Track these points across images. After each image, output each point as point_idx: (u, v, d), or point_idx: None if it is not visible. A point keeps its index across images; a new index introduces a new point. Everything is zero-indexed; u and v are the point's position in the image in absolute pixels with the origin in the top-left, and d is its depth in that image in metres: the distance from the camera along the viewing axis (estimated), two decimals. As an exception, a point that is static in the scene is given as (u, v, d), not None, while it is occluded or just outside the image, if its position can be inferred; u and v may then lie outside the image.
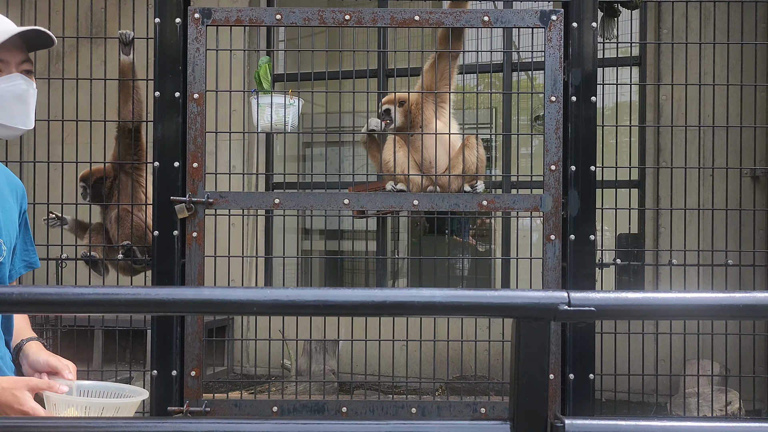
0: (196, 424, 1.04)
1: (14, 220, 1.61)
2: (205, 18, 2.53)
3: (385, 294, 0.91)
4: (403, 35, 4.85)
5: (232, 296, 0.92)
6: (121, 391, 1.50)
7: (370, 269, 5.53)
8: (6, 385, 1.36)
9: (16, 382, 1.37)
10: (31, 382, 1.39)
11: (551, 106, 2.56)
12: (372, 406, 2.65)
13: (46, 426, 1.01)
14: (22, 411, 1.34)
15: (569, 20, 2.55)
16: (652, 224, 4.90)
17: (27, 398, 1.35)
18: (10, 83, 1.47)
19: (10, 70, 1.48)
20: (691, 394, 3.57)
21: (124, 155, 2.98)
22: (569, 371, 2.48)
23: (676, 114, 3.88)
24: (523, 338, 0.93)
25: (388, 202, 2.64)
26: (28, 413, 1.34)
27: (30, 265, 1.72)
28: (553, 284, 2.56)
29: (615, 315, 1.01)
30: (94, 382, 1.53)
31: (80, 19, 3.07)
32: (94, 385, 1.50)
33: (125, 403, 1.43)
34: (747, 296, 0.96)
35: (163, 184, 2.53)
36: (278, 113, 2.72)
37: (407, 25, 2.57)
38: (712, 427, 1.09)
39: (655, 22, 4.86)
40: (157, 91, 2.52)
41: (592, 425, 0.97)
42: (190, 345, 2.53)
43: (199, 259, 2.52)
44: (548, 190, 2.56)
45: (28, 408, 1.34)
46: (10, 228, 1.59)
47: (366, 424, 0.98)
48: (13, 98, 1.48)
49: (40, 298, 0.93)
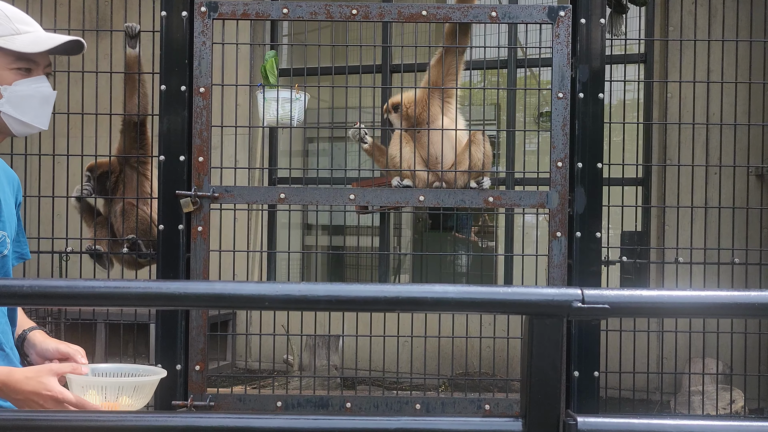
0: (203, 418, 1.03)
1: (13, 212, 1.63)
2: (212, 11, 2.52)
3: (398, 289, 0.91)
4: (409, 31, 4.83)
5: (245, 290, 0.91)
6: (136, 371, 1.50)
7: (374, 265, 5.53)
8: (30, 374, 1.35)
9: (39, 370, 1.37)
10: (54, 367, 1.39)
11: (558, 102, 2.55)
12: (376, 401, 2.64)
13: (58, 420, 1.01)
14: (52, 396, 1.33)
15: (577, 16, 2.54)
16: (657, 222, 4.89)
17: (54, 383, 1.35)
18: (38, 84, 1.53)
19: (38, 72, 1.53)
20: (695, 392, 3.56)
21: (129, 149, 2.98)
22: (574, 369, 2.48)
23: (683, 111, 3.86)
24: (536, 335, 0.93)
25: (394, 198, 2.64)
26: (57, 398, 1.33)
27: (21, 256, 1.72)
28: (559, 281, 2.55)
29: (629, 312, 1.00)
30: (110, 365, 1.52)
31: (85, 11, 3.06)
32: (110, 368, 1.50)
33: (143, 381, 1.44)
34: (763, 294, 0.95)
35: (168, 178, 2.52)
36: (284, 108, 2.71)
37: (414, 20, 2.56)
38: (724, 426, 1.09)
39: (662, 19, 4.84)
40: (163, 85, 2.51)
41: (605, 423, 0.97)
42: (194, 339, 2.52)
43: (204, 254, 2.52)
44: (554, 187, 2.55)
45: (57, 393, 1.34)
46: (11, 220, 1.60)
47: (376, 420, 0.97)
48: (39, 99, 1.53)
49: (52, 291, 0.93)
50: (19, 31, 1.49)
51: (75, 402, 1.34)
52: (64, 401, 1.34)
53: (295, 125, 2.77)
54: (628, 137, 3.14)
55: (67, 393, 1.36)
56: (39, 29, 1.55)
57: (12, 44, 1.48)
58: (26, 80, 1.51)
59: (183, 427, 1.00)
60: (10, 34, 1.48)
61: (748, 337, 3.23)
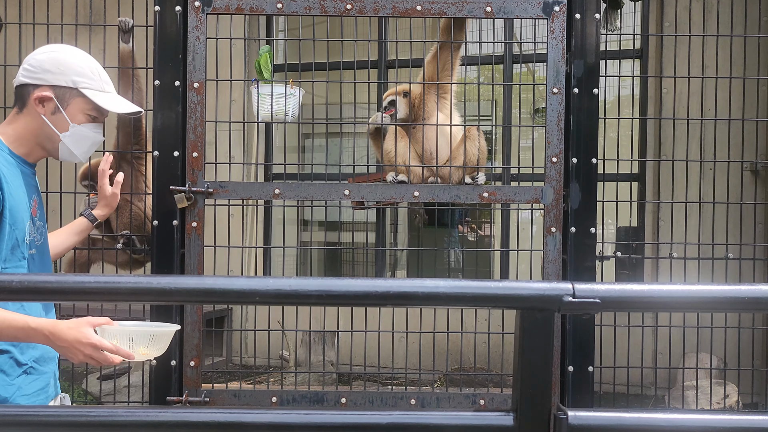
0: (197, 413, 1.03)
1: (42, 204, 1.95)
2: (206, 6, 2.51)
3: (388, 284, 0.91)
4: (404, 26, 4.83)
5: (235, 285, 0.91)
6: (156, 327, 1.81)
7: (369, 261, 5.53)
8: (72, 325, 1.61)
9: (78, 322, 1.62)
10: (91, 319, 1.65)
11: (553, 97, 2.55)
12: (371, 397, 2.65)
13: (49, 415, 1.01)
14: (91, 343, 1.59)
15: (572, 11, 2.54)
16: (652, 217, 4.90)
17: (92, 333, 1.61)
18: (97, 130, 1.91)
19: (100, 121, 1.91)
20: (690, 387, 3.57)
21: (124, 144, 2.96)
22: (569, 363, 2.48)
23: (678, 107, 3.87)
24: (527, 329, 0.93)
25: (389, 193, 2.63)
26: (96, 344, 1.60)
27: None
28: (554, 276, 2.55)
29: (620, 306, 1.00)
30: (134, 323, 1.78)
31: (79, 6, 3.04)
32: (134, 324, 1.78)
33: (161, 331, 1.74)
34: (753, 289, 0.95)
35: (162, 174, 2.51)
36: (279, 103, 2.71)
37: (409, 14, 2.55)
38: (713, 420, 1.09)
39: (657, 15, 4.84)
40: (157, 80, 2.50)
41: (594, 417, 0.97)
42: (189, 335, 2.52)
43: (198, 249, 2.52)
44: (549, 182, 2.55)
45: (96, 341, 1.60)
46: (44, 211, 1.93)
47: (369, 415, 0.97)
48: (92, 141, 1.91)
49: (41, 287, 0.92)
50: (105, 90, 1.89)
51: (111, 348, 1.62)
52: (101, 347, 1.61)
53: (289, 121, 2.76)
54: (623, 133, 3.15)
55: (104, 341, 1.62)
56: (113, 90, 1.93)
57: (97, 99, 1.86)
58: (90, 125, 1.88)
59: (175, 421, 1.00)
60: (98, 90, 1.87)
61: (742, 332, 3.24)
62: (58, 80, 1.82)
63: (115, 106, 1.90)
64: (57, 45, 1.91)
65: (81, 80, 1.84)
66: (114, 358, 1.63)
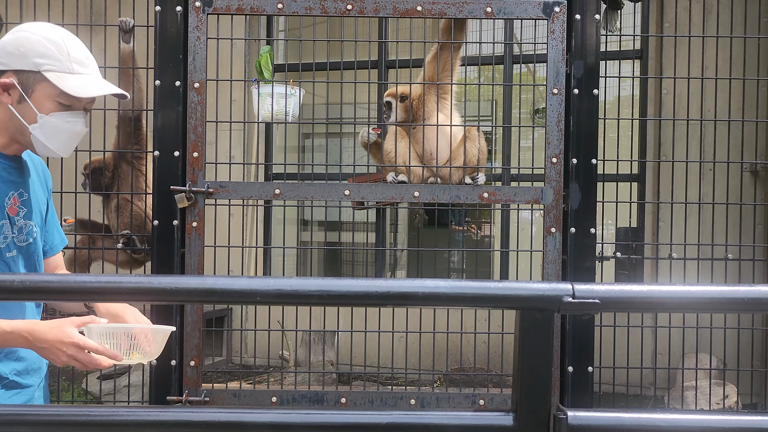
0: (197, 413, 1.04)
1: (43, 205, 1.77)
2: (206, 6, 2.51)
3: (389, 284, 0.91)
4: (404, 26, 4.83)
5: (236, 285, 0.91)
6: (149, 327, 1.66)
7: (369, 261, 5.53)
8: (53, 325, 1.48)
9: (61, 321, 1.49)
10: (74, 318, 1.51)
11: (553, 98, 2.55)
12: (371, 396, 2.65)
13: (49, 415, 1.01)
14: (73, 343, 1.45)
15: (572, 12, 2.54)
16: (651, 218, 4.90)
17: (75, 332, 1.47)
18: (73, 119, 1.62)
19: (78, 108, 1.63)
20: (689, 387, 3.58)
21: (124, 144, 2.97)
22: (568, 364, 2.49)
23: (677, 108, 3.87)
24: (527, 329, 0.93)
25: (389, 193, 2.64)
26: (78, 344, 1.45)
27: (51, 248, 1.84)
28: (553, 277, 2.55)
29: (619, 307, 1.00)
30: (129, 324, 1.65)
31: (79, 6, 3.05)
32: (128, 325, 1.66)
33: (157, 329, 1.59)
34: (752, 289, 0.95)
35: (163, 174, 2.52)
36: (279, 103, 2.71)
37: (410, 15, 2.56)
38: (713, 420, 1.09)
39: (657, 15, 4.85)
40: (158, 80, 2.50)
41: (594, 417, 0.97)
42: (189, 335, 2.52)
43: (198, 249, 2.52)
44: (549, 183, 2.55)
45: (78, 340, 1.46)
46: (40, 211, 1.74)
47: (369, 415, 0.98)
48: (68, 133, 1.62)
49: (42, 286, 0.92)
50: (73, 71, 1.58)
51: (95, 348, 1.47)
52: (85, 347, 1.46)
53: (290, 121, 2.77)
54: (623, 133, 3.15)
55: (88, 340, 1.47)
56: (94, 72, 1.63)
57: (61, 82, 1.56)
58: (62, 114, 1.59)
59: (175, 421, 1.00)
60: (63, 72, 1.57)
61: (742, 333, 3.24)
62: (19, 63, 1.56)
63: (85, 90, 1.58)
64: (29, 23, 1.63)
65: (44, 62, 1.56)
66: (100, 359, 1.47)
